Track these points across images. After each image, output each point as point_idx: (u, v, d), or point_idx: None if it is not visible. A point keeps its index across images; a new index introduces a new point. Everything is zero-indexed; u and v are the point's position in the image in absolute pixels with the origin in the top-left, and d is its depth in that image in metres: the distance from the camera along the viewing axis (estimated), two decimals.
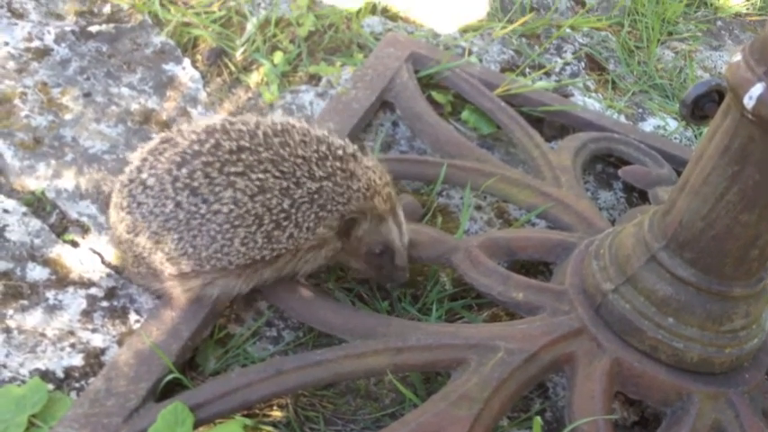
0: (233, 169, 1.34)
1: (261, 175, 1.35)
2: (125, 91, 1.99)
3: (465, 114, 2.17)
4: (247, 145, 1.36)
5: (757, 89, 1.16)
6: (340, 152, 1.43)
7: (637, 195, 2.11)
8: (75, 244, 1.64)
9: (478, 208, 1.97)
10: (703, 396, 1.37)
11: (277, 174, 1.36)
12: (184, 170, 1.35)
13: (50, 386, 1.35)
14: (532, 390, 1.58)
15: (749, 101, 1.17)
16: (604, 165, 2.18)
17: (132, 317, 1.52)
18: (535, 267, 1.80)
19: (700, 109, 1.43)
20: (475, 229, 1.90)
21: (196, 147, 1.36)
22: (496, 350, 1.39)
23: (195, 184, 1.34)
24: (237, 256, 1.37)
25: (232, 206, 1.34)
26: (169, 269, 1.40)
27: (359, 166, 1.43)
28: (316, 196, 1.38)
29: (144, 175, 1.38)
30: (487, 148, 2.13)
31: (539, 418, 1.27)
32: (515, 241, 1.65)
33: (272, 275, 1.45)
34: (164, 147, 1.40)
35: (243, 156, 1.35)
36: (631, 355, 1.39)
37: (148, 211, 1.37)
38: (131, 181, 1.40)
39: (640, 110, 2.42)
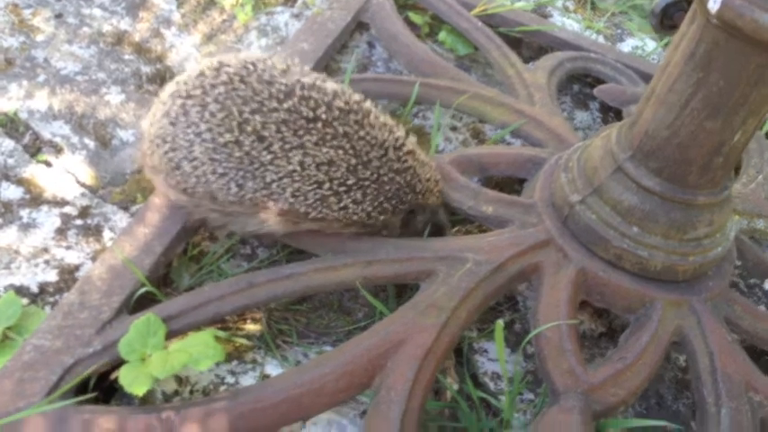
0: (306, 137, 1.33)
1: (332, 151, 1.34)
2: (97, 12, 1.97)
3: (442, 35, 2.16)
4: (324, 117, 1.34)
5: None
6: (409, 147, 1.44)
7: (613, 115, 2.12)
8: (48, 164, 1.64)
9: (453, 129, 1.97)
10: (666, 303, 1.40)
11: (349, 150, 1.36)
12: (258, 117, 1.32)
13: (25, 301, 1.37)
14: (502, 302, 1.61)
15: (713, 5, 1.17)
16: (581, 85, 2.18)
17: (107, 234, 1.54)
18: (510, 186, 1.81)
19: (669, 18, 1.42)
20: (450, 149, 1.91)
21: (274, 103, 1.33)
22: (464, 261, 1.41)
23: (265, 134, 1.32)
24: (284, 203, 1.37)
25: (297, 167, 1.33)
26: (200, 192, 1.38)
27: (419, 162, 1.46)
28: (387, 187, 1.41)
29: (208, 99, 1.33)
30: (465, 69, 2.12)
31: (500, 322, 1.30)
32: (487, 157, 1.66)
33: (308, 227, 1.43)
34: (236, 78, 1.34)
35: (318, 125, 1.34)
36: (597, 265, 1.42)
37: (196, 133, 1.33)
38: (189, 96, 1.34)
39: (619, 30, 2.40)
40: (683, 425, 1.47)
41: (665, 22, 1.42)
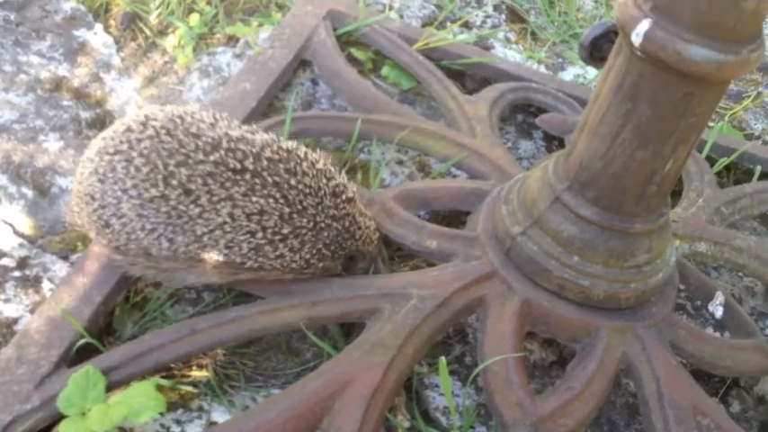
0: (234, 188, 1.31)
1: (262, 200, 1.32)
2: (34, 59, 1.95)
3: (385, 70, 2.17)
4: (252, 167, 1.32)
5: (643, 26, 1.18)
6: (349, 194, 1.43)
7: (557, 143, 2.14)
8: None
9: (399, 162, 1.98)
10: (610, 331, 1.41)
11: (280, 200, 1.34)
12: (183, 170, 1.30)
13: None
14: (452, 335, 1.61)
15: (636, 38, 1.19)
16: (525, 115, 2.20)
17: (46, 285, 1.51)
18: (456, 219, 1.82)
19: (598, 50, 1.44)
20: (397, 183, 1.91)
21: (201, 156, 1.31)
22: (409, 298, 1.40)
23: (192, 186, 1.30)
24: (218, 255, 1.34)
25: (227, 218, 1.31)
26: (133, 249, 1.37)
27: (358, 211, 1.45)
28: (325, 233, 1.39)
29: (134, 153, 1.31)
30: (409, 104, 2.14)
31: (443, 359, 1.29)
32: (430, 192, 1.67)
33: (247, 277, 1.41)
34: (162, 131, 1.32)
35: (246, 177, 1.32)
36: (540, 295, 1.42)
37: (123, 189, 1.31)
38: (116, 152, 1.32)
39: (560, 60, 2.44)
40: None
41: (595, 54, 1.44)
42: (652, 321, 1.44)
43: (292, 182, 1.35)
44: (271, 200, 1.33)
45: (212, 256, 1.34)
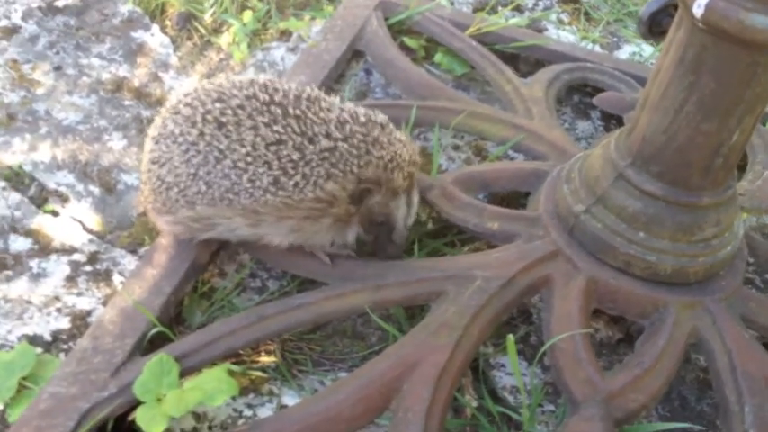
0: (260, 118, 1.36)
1: (281, 129, 1.35)
2: (95, 61, 2.00)
3: (438, 57, 2.17)
4: (278, 100, 1.37)
5: None
6: (363, 119, 1.41)
7: (614, 122, 2.12)
8: (55, 214, 1.66)
9: (456, 148, 1.98)
10: (679, 305, 1.39)
11: (297, 130, 1.36)
12: (218, 105, 1.37)
13: (39, 350, 1.38)
14: (516, 316, 1.60)
15: (698, 9, 1.18)
16: (581, 95, 2.18)
17: (116, 278, 1.55)
18: (515, 202, 1.81)
19: (657, 25, 1.43)
20: (454, 168, 1.91)
21: (235, 91, 1.38)
22: (473, 279, 1.40)
23: (223, 119, 1.36)
24: (245, 195, 1.37)
25: (249, 148, 1.35)
26: (182, 206, 1.40)
27: (386, 135, 1.41)
28: (327, 154, 1.36)
29: (180, 106, 1.40)
30: (463, 90, 2.13)
31: (511, 337, 1.29)
32: (489, 174, 1.66)
33: (276, 233, 1.43)
34: (209, 85, 1.42)
35: (272, 108, 1.37)
36: (606, 273, 1.41)
37: (173, 140, 1.38)
38: (170, 113, 1.41)
39: (615, 38, 2.41)
40: (708, 425, 1.45)
41: (654, 29, 1.42)
42: (722, 295, 1.42)
43: (310, 114, 1.37)
44: (289, 129, 1.35)
45: (240, 199, 1.37)
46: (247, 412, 1.35)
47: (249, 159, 1.35)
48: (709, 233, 1.39)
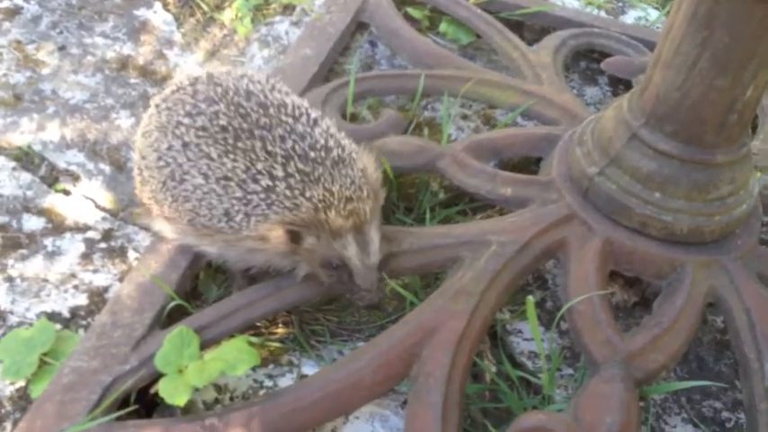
0: (212, 148, 1.29)
1: (229, 164, 1.28)
2: (99, 40, 1.99)
3: (443, 26, 2.16)
4: (236, 125, 1.29)
5: None
6: (313, 154, 1.28)
7: (623, 87, 2.11)
8: (66, 192, 1.66)
9: (464, 117, 1.97)
10: (696, 265, 1.39)
11: (242, 166, 1.28)
12: (186, 120, 1.32)
13: (58, 326, 1.38)
14: (531, 282, 1.60)
15: None
16: (588, 61, 2.17)
17: (131, 255, 1.55)
18: (527, 168, 1.81)
19: None
20: (463, 138, 1.90)
21: (202, 106, 1.32)
22: (489, 245, 1.40)
23: (186, 139, 1.31)
24: (205, 219, 1.33)
25: (201, 179, 1.30)
26: (156, 210, 1.40)
27: (336, 171, 1.28)
28: (264, 196, 1.27)
29: (162, 106, 1.37)
30: (469, 58, 2.12)
31: (531, 298, 1.29)
32: (500, 140, 1.66)
33: (232, 256, 1.38)
34: (187, 86, 1.37)
35: (227, 135, 1.29)
36: (622, 234, 1.41)
37: (151, 141, 1.36)
38: (156, 108, 1.38)
39: (620, 3, 2.39)
40: (726, 384, 1.46)
41: None
42: (738, 254, 1.42)
43: (260, 147, 1.28)
44: (237, 163, 1.28)
45: (200, 221, 1.33)
46: (268, 383, 1.36)
47: (205, 190, 1.31)
48: (725, 191, 1.38)
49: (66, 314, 1.42)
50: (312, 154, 1.28)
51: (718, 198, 1.38)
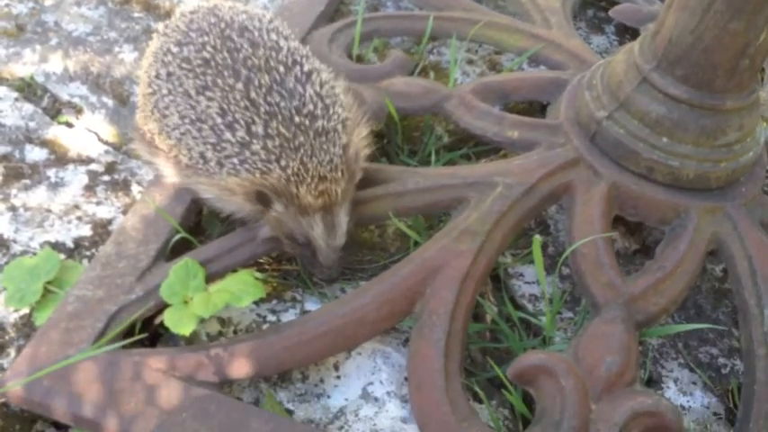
0: (191, 81, 1.26)
1: (205, 103, 1.25)
2: None
3: None
4: (221, 58, 1.25)
5: None
6: (299, 119, 1.23)
7: (629, 36, 2.09)
8: (69, 125, 1.65)
9: (470, 62, 1.95)
10: (701, 211, 1.39)
11: (218, 109, 1.24)
12: (174, 49, 1.30)
13: (62, 256, 1.38)
14: (534, 227, 1.61)
15: None
16: (595, 10, 2.15)
17: (134, 188, 1.54)
18: (530, 116, 1.79)
19: None
20: (468, 82, 1.89)
21: (193, 35, 1.30)
22: (495, 186, 1.40)
23: (171, 69, 1.28)
24: (185, 155, 1.30)
25: (177, 119, 1.28)
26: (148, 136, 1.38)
27: (318, 142, 1.23)
28: (238, 149, 1.23)
29: (162, 31, 1.36)
30: (477, 1, 2.09)
31: (537, 237, 1.30)
32: (508, 83, 1.65)
33: (209, 198, 1.35)
34: (186, 14, 1.36)
35: (209, 68, 1.25)
36: (628, 179, 1.41)
37: (148, 64, 1.35)
38: (158, 32, 1.37)
39: None
40: (725, 328, 1.47)
41: None
42: (742, 201, 1.42)
43: (245, 87, 1.23)
44: (212, 104, 1.24)
45: (181, 156, 1.31)
46: (271, 317, 1.36)
47: (182, 130, 1.28)
48: (732, 138, 1.38)
49: (69, 244, 1.42)
50: (297, 119, 1.23)
51: (726, 144, 1.38)
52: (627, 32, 2.09)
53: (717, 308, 1.53)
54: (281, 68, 1.26)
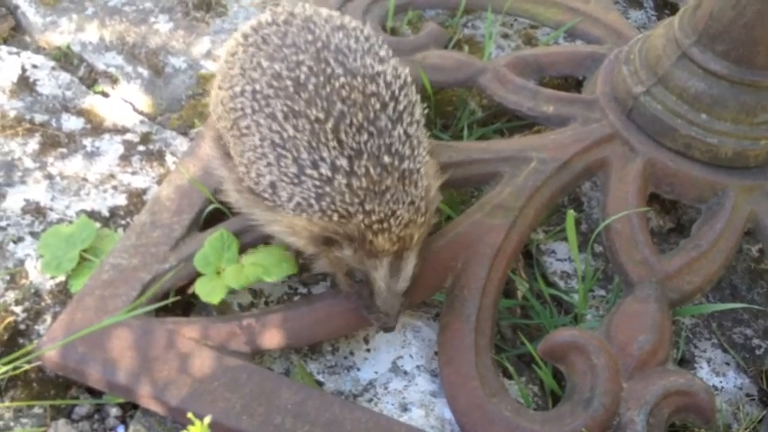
0: (279, 104, 1.14)
1: (290, 131, 1.13)
2: None
3: None
4: (313, 83, 1.14)
5: None
6: (387, 159, 1.12)
7: (668, 11, 2.05)
8: (105, 94, 1.66)
9: (505, 36, 1.93)
10: (738, 189, 1.37)
11: (305, 141, 1.13)
12: (265, 64, 1.18)
13: (97, 224, 1.39)
14: (566, 204, 1.59)
15: None
16: None
17: (169, 159, 1.55)
18: (567, 90, 1.77)
19: None
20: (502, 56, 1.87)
21: (286, 51, 1.19)
22: (529, 161, 1.39)
23: (257, 87, 1.17)
24: (252, 183, 1.21)
25: (257, 140, 1.17)
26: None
27: (402, 185, 1.13)
28: (319, 183, 1.12)
29: (241, 42, 1.25)
30: None
31: (572, 212, 1.29)
32: (544, 57, 1.63)
33: (264, 223, 1.25)
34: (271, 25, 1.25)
35: (297, 96, 1.14)
36: (665, 155, 1.39)
37: (229, 75, 1.24)
38: (237, 43, 1.26)
39: None
40: (758, 311, 1.45)
41: None
42: None
43: (334, 128, 1.12)
44: (298, 135, 1.13)
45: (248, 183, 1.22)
46: (302, 290, 1.37)
47: (258, 153, 1.17)
48: None
49: (105, 213, 1.43)
50: (386, 159, 1.12)
51: (766, 122, 1.35)
52: (666, 7, 2.05)
53: (752, 288, 1.51)
54: (378, 105, 1.15)
